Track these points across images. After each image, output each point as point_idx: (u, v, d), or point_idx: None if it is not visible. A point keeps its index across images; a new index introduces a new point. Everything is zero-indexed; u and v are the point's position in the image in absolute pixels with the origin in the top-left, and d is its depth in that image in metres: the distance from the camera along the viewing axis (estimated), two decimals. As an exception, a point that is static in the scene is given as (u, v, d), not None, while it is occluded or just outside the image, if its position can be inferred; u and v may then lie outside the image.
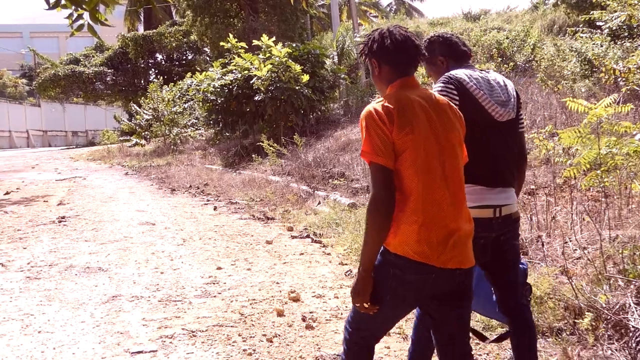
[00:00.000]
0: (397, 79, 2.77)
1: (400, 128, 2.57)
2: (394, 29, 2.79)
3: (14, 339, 4.82)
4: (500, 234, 3.25)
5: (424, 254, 2.55)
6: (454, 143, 2.71)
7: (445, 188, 2.62)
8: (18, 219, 10.60)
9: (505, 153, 3.28)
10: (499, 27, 20.33)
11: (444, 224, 2.59)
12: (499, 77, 3.40)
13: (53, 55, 49.88)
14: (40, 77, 40.00)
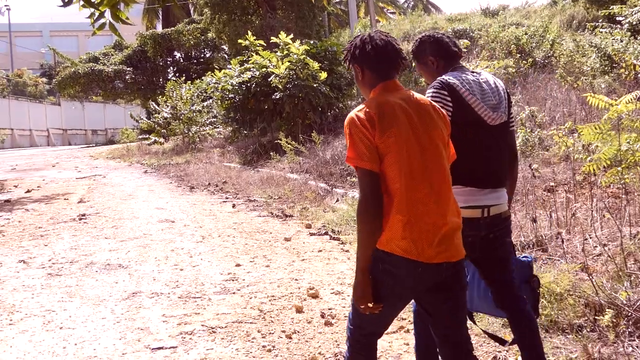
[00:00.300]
0: (379, 83, 2.86)
1: (382, 132, 2.68)
2: (375, 34, 2.89)
3: (36, 334, 4.88)
4: (490, 232, 3.31)
5: (409, 250, 2.64)
6: (437, 141, 2.79)
7: (428, 186, 2.70)
8: (39, 216, 10.70)
9: (496, 155, 3.34)
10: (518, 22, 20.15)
11: (429, 221, 2.68)
12: (489, 77, 3.43)
13: (73, 54, 50.33)
14: (60, 75, 40.32)
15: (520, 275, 3.44)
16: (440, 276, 2.73)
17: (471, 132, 3.25)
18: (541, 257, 5.54)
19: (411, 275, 2.69)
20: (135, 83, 39.50)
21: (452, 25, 23.08)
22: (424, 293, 2.81)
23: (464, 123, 3.21)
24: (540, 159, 9.08)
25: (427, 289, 2.77)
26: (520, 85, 14.09)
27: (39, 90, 59.86)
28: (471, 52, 17.23)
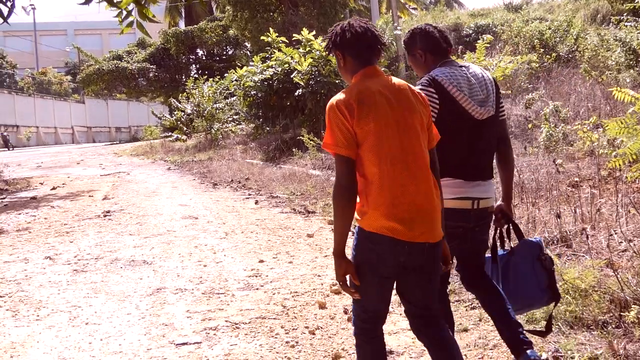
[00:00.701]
0: (360, 69, 2.96)
1: (361, 118, 2.79)
2: (355, 21, 2.99)
3: (62, 330, 4.94)
4: (477, 224, 3.47)
5: (395, 230, 2.77)
6: (415, 126, 2.88)
7: (407, 170, 2.81)
8: (64, 213, 10.82)
9: (484, 148, 3.45)
10: (541, 17, 19.97)
11: (410, 202, 2.79)
12: (477, 70, 3.49)
13: (97, 52, 50.79)
14: (84, 72, 40.70)
15: (531, 254, 3.52)
16: (424, 255, 2.86)
17: (459, 126, 3.34)
18: (565, 253, 5.50)
19: (395, 254, 2.81)
20: (158, 80, 39.79)
21: (474, 21, 22.94)
22: (407, 271, 2.90)
23: (452, 118, 3.31)
24: (565, 154, 9.01)
25: (411, 267, 2.88)
26: (544, 80, 14.00)
27: (63, 89, 60.48)
28: (494, 47, 17.12)
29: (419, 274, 2.93)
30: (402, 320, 4.87)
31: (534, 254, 3.49)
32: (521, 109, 12.58)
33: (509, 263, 3.55)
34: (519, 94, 13.59)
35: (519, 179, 7.65)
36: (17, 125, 46.75)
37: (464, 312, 4.91)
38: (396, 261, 2.84)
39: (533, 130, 10.81)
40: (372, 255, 2.84)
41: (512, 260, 3.56)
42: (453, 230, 3.27)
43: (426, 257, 2.88)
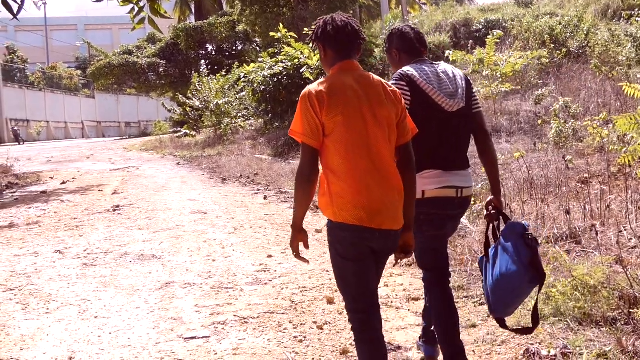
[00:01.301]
0: (338, 62, 3.10)
1: (330, 110, 2.94)
2: (337, 16, 3.13)
3: (72, 323, 4.96)
4: (458, 212, 3.67)
5: (361, 218, 2.93)
6: (382, 120, 3.02)
7: (372, 161, 2.97)
8: (74, 207, 10.87)
9: (457, 140, 3.62)
10: (552, 12, 19.87)
11: (374, 192, 2.95)
12: (448, 68, 3.68)
13: (107, 47, 50.88)
14: (94, 66, 40.80)
15: (515, 232, 3.48)
16: (389, 241, 3.06)
17: (431, 118, 3.49)
18: (575, 249, 5.49)
19: (364, 240, 2.99)
20: (167, 76, 39.83)
21: (484, 16, 22.87)
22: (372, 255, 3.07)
23: (423, 110, 3.47)
24: (574, 150, 8.98)
25: (376, 252, 3.06)
26: (554, 76, 13.95)
27: (74, 83, 60.66)
28: (504, 42, 17.07)
29: (381, 259, 3.15)
30: (410, 316, 4.89)
31: (518, 232, 3.48)
32: (531, 105, 12.55)
33: (496, 250, 3.54)
34: (529, 90, 13.55)
35: (528, 175, 7.63)
36: (28, 120, 46.95)
37: (472, 308, 4.91)
38: (367, 247, 3.02)
39: (543, 126, 10.78)
40: (343, 244, 3.03)
41: (499, 245, 3.53)
42: (442, 216, 3.56)
43: (391, 242, 3.07)
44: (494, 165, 3.75)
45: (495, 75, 13.47)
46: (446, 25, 23.48)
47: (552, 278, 4.72)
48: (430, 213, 3.52)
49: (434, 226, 3.59)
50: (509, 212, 6.57)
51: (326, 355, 4.22)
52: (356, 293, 3.12)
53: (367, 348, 3.11)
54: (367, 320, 3.12)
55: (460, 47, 19.77)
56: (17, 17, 8.97)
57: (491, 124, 11.93)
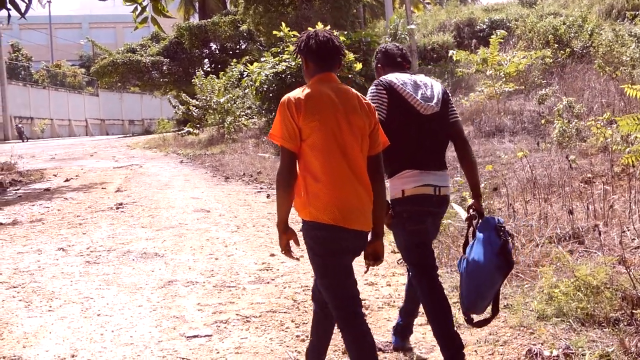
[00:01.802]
0: (318, 74, 3.33)
1: (307, 116, 3.15)
2: (320, 32, 3.38)
3: (74, 321, 4.98)
4: (437, 210, 3.88)
5: (335, 218, 3.15)
6: (356, 129, 3.25)
7: (346, 165, 3.19)
8: (77, 205, 10.88)
9: (433, 142, 3.86)
10: (556, 12, 19.87)
11: (348, 194, 3.17)
12: (426, 80, 3.99)
13: (111, 46, 50.87)
14: (98, 64, 40.82)
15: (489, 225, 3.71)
16: (361, 241, 3.29)
17: (407, 121, 3.79)
18: (578, 249, 5.48)
19: (338, 239, 3.20)
20: (171, 74, 39.85)
21: (488, 16, 22.87)
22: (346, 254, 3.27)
23: (401, 114, 3.77)
24: (578, 150, 8.98)
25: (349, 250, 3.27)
26: (558, 76, 13.94)
27: (77, 81, 60.70)
28: (508, 42, 17.05)
29: (352, 257, 3.33)
30: (413, 315, 4.88)
31: (491, 225, 3.69)
32: (534, 105, 12.54)
33: (472, 245, 3.75)
34: (532, 90, 13.54)
35: (531, 175, 7.63)
36: (32, 118, 46.97)
37: (475, 307, 4.90)
38: (340, 245, 3.22)
39: (546, 126, 10.77)
40: (319, 243, 3.24)
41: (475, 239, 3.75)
42: (425, 212, 3.79)
43: (363, 243, 3.31)
44: (473, 171, 3.95)
45: (498, 75, 13.46)
46: (450, 24, 23.50)
47: (554, 278, 4.71)
48: (410, 210, 3.78)
49: (414, 221, 3.80)
50: (511, 211, 6.57)
51: (328, 354, 4.21)
52: (337, 290, 3.29)
53: (355, 341, 3.26)
54: (353, 314, 3.27)
55: (464, 46, 19.79)
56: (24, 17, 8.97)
57: (495, 124, 11.94)
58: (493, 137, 11.37)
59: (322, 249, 3.25)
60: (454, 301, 5.07)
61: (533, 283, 5.02)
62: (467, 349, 4.13)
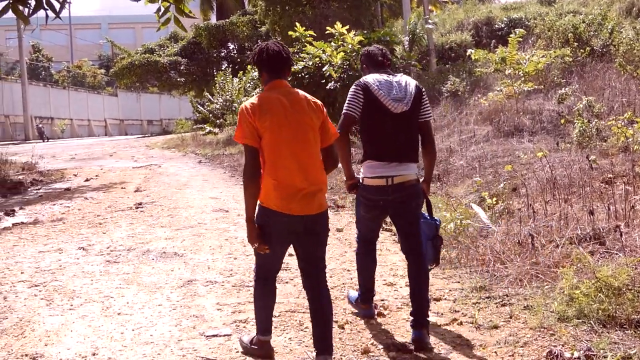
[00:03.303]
0: (271, 81, 3.90)
1: (260, 118, 3.72)
2: (271, 44, 3.91)
3: (95, 320, 5.01)
4: (396, 197, 4.42)
5: (279, 205, 3.73)
6: (305, 126, 3.81)
7: (293, 159, 3.73)
8: (98, 204, 10.96)
9: (400, 137, 4.42)
10: (575, 10, 19.69)
11: (292, 184, 3.72)
12: (403, 79, 4.53)
13: (130, 46, 51.14)
14: (117, 66, 41.08)
15: (426, 233, 4.54)
16: (304, 225, 3.79)
17: (379, 117, 4.39)
18: (599, 250, 5.45)
19: (281, 224, 3.77)
20: (189, 74, 39.96)
21: (507, 14, 22.73)
22: (295, 236, 3.86)
23: (373, 110, 4.39)
24: (598, 150, 8.90)
25: (296, 232, 3.82)
26: (577, 75, 13.82)
27: (97, 82, 61.14)
28: (527, 41, 16.94)
29: (308, 237, 3.88)
30: (432, 316, 4.87)
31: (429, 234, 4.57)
32: (553, 104, 12.44)
33: None
34: (552, 89, 13.44)
35: (551, 175, 7.58)
36: (52, 118, 47.42)
37: (495, 308, 4.89)
38: (285, 228, 3.80)
39: (566, 126, 10.69)
40: (267, 224, 3.80)
41: None
42: (375, 203, 4.51)
43: (307, 225, 3.80)
44: (430, 164, 4.74)
45: (517, 74, 13.38)
46: (468, 23, 23.39)
47: (575, 279, 4.68)
48: (366, 197, 4.56)
49: (366, 208, 4.62)
50: (531, 212, 6.54)
51: (347, 354, 4.23)
52: (265, 262, 4.03)
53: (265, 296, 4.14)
54: (267, 278, 4.11)
55: (482, 45, 19.70)
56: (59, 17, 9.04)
57: (513, 123, 11.87)
58: (512, 137, 11.31)
59: (267, 231, 3.81)
60: (474, 302, 5.07)
61: (553, 284, 5.00)
62: (486, 350, 4.13)
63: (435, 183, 10.09)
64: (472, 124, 13.08)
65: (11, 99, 41.77)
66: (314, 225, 3.86)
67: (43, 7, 8.52)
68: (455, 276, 5.83)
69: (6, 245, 7.82)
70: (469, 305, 5.04)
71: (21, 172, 16.35)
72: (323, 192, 3.90)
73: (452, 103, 15.39)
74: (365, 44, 16.59)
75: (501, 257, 5.79)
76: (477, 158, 10.31)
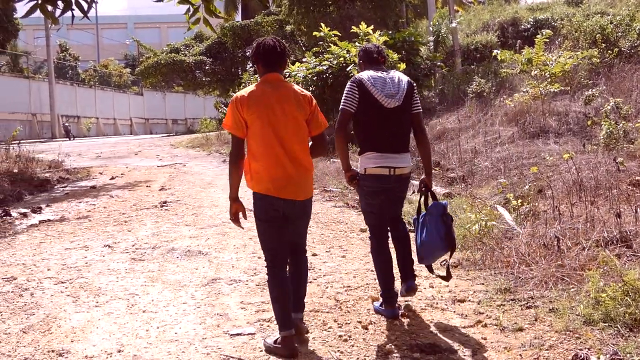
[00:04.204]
0: (265, 74, 4.31)
1: (249, 109, 4.16)
2: (268, 40, 4.34)
3: (120, 317, 5.07)
4: (395, 186, 4.92)
5: (269, 190, 4.20)
6: (290, 117, 4.22)
7: (281, 147, 4.17)
8: (123, 202, 11.06)
9: (395, 130, 4.84)
10: (602, 11, 19.44)
11: (281, 171, 4.17)
12: (396, 75, 4.95)
13: (155, 45, 51.56)
14: (142, 65, 41.38)
15: (437, 212, 4.93)
16: (292, 208, 4.25)
17: (374, 112, 4.79)
18: (625, 253, 5.39)
19: (275, 207, 4.22)
20: (214, 74, 40.12)
21: (533, 15, 22.54)
22: (286, 218, 4.27)
23: (368, 106, 4.79)
24: (625, 152, 8.80)
25: (286, 215, 4.26)
26: (605, 76, 13.67)
27: (123, 81, 61.63)
28: (553, 42, 16.79)
29: (296, 221, 4.36)
30: (456, 318, 4.86)
31: (439, 212, 4.92)
32: (580, 106, 12.32)
33: (424, 219, 4.96)
34: (578, 90, 13.30)
35: (577, 177, 7.51)
36: (78, 116, 47.83)
37: (519, 311, 4.85)
38: (277, 212, 4.24)
39: (592, 128, 10.58)
40: (261, 208, 4.30)
41: (426, 217, 4.96)
42: (378, 190, 4.90)
43: (297, 210, 4.29)
44: (426, 156, 5.10)
45: (543, 75, 13.27)
46: (493, 24, 23.23)
47: (601, 282, 4.64)
48: (369, 185, 4.91)
49: (371, 195, 4.97)
50: (557, 214, 6.49)
51: (371, 355, 4.22)
52: (267, 245, 4.38)
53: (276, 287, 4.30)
54: (274, 264, 4.34)
55: (508, 46, 19.55)
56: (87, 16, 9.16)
57: (539, 125, 11.77)
58: (537, 138, 11.21)
59: (259, 214, 4.32)
60: (498, 304, 5.04)
61: (579, 287, 4.95)
62: (511, 352, 4.11)
63: (460, 184, 10.05)
64: (497, 125, 12.98)
65: (39, 97, 42.17)
66: (302, 210, 4.36)
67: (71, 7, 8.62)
68: (480, 278, 5.80)
69: (33, 242, 7.93)
70: (493, 307, 5.01)
71: (48, 170, 16.55)
72: (310, 179, 4.38)
73: (477, 104, 15.30)
74: (391, 45, 16.60)
75: (526, 259, 5.75)
76: (502, 159, 10.24)
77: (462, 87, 17.08)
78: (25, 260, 7.01)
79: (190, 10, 9.23)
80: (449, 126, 14.43)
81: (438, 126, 14.82)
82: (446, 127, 14.44)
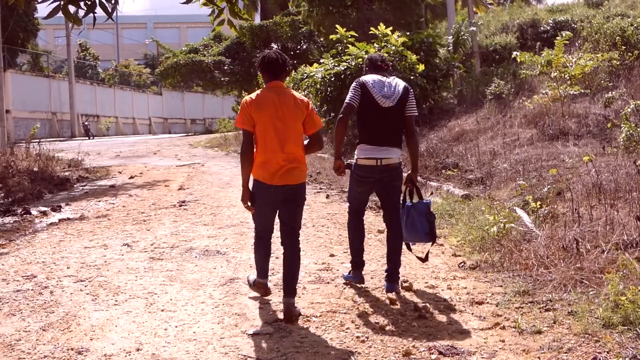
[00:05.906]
0: (269, 82, 5.06)
1: (256, 110, 4.93)
2: (271, 53, 5.10)
3: (139, 315, 5.10)
4: (384, 176, 5.57)
5: (265, 178, 4.96)
6: (289, 119, 4.97)
7: (277, 142, 4.92)
8: (142, 202, 11.12)
9: (388, 127, 5.53)
10: (623, 13, 19.25)
11: (275, 162, 4.92)
12: (394, 81, 5.64)
13: (174, 45, 51.84)
14: (162, 66, 41.61)
15: (423, 210, 5.57)
16: (285, 193, 4.98)
17: (371, 110, 5.50)
18: (645, 257, 5.34)
19: (267, 192, 4.98)
20: (233, 74, 40.26)
21: (553, 16, 22.38)
22: (279, 204, 5.06)
23: (367, 104, 5.50)
24: (646, 155, 8.71)
25: (280, 200, 5.02)
26: (625, 79, 13.57)
27: (142, 80, 61.98)
28: (573, 44, 16.67)
29: (289, 204, 5.06)
30: (474, 320, 4.85)
31: (424, 211, 5.56)
32: (600, 108, 12.24)
33: (410, 211, 5.57)
34: (598, 92, 13.21)
35: (597, 180, 7.47)
36: (98, 115, 48.16)
37: (538, 313, 4.83)
38: (271, 196, 4.99)
39: (612, 130, 10.50)
40: (258, 192, 5.04)
41: (412, 210, 5.57)
42: (365, 179, 5.64)
43: (288, 193, 4.99)
44: (414, 155, 5.81)
45: (563, 77, 13.18)
46: (513, 26, 23.09)
47: (621, 285, 4.61)
48: (359, 174, 5.64)
49: (358, 183, 5.71)
50: (576, 216, 6.45)
51: (388, 356, 4.22)
52: (260, 222, 5.25)
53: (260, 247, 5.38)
54: (263, 237, 5.34)
55: (527, 48, 19.42)
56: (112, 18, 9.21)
57: (558, 127, 11.70)
58: (557, 140, 11.14)
59: (258, 198, 5.05)
60: (517, 306, 5.03)
61: (598, 290, 4.93)
62: (530, 355, 4.10)
63: (479, 186, 10.02)
64: (516, 127, 12.91)
65: (59, 96, 42.51)
66: (293, 194, 5.03)
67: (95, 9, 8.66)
68: (498, 280, 5.78)
69: (53, 241, 8.00)
70: (511, 309, 4.99)
71: (67, 168, 16.68)
72: (301, 169, 5.07)
73: (496, 105, 15.23)
74: (409, 46, 16.57)
75: (545, 262, 5.73)
76: (521, 161, 10.19)
77: (481, 88, 17.00)
78: (45, 258, 7.08)
79: (215, 12, 9.25)
80: (467, 128, 14.38)
81: (457, 127, 14.77)
82: (465, 128, 14.39)
